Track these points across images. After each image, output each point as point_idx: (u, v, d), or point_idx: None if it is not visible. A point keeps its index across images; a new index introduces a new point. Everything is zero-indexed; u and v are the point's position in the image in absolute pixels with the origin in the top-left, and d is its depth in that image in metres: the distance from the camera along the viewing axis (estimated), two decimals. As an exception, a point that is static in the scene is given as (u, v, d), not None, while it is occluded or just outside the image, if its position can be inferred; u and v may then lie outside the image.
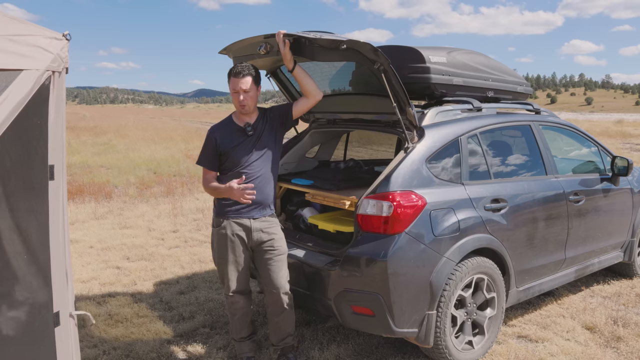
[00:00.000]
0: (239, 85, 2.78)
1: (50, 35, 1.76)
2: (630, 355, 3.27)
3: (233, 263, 2.91)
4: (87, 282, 4.60)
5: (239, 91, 2.79)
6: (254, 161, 2.85)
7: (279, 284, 2.91)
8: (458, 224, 2.97)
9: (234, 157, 2.84)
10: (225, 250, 2.90)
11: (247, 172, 2.83)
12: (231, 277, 2.93)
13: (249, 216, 2.87)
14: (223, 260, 2.93)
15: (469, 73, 3.56)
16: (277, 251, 2.92)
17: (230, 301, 3.01)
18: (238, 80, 2.77)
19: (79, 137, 20.14)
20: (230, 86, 2.82)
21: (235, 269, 2.92)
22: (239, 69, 2.78)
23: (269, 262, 2.90)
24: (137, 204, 8.12)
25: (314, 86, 2.90)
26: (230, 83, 2.82)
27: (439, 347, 2.95)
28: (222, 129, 2.91)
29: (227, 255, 2.90)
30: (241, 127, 2.88)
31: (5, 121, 1.57)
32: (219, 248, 2.94)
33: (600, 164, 4.30)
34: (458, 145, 3.18)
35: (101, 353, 3.25)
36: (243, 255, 2.91)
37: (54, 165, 1.77)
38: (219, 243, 2.93)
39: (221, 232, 2.90)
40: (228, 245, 2.88)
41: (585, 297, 4.24)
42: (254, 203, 2.85)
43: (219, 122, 2.98)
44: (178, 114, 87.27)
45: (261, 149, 2.88)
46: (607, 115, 62.68)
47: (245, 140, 2.86)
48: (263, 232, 2.89)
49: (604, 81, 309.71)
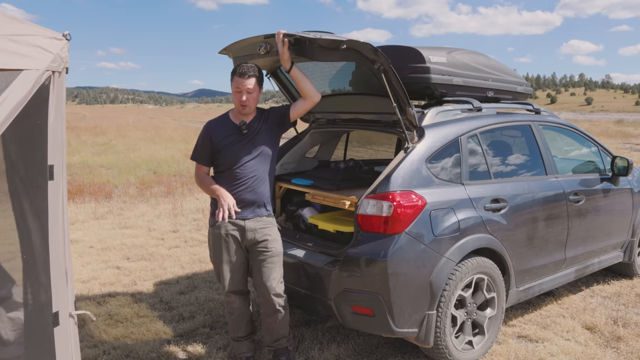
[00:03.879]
0: (243, 85, 2.77)
1: (50, 35, 1.76)
2: (630, 355, 3.27)
3: (227, 263, 2.91)
4: (87, 282, 4.60)
5: (242, 91, 2.78)
6: (248, 161, 2.84)
7: (270, 286, 2.88)
8: (458, 224, 2.97)
9: (228, 155, 2.83)
10: (220, 250, 2.90)
11: (240, 171, 2.83)
12: (226, 277, 2.93)
13: (242, 216, 2.85)
14: (218, 260, 2.93)
15: (469, 73, 3.56)
16: (271, 252, 2.89)
17: (226, 300, 3.01)
18: (243, 80, 2.77)
19: (79, 137, 20.14)
20: (233, 85, 2.81)
21: (230, 269, 2.92)
22: (245, 69, 2.77)
23: (262, 264, 2.88)
24: (137, 204, 8.12)
25: (311, 88, 2.89)
26: (233, 82, 2.81)
27: (439, 347, 2.95)
28: (217, 126, 2.90)
29: (221, 254, 2.90)
30: (237, 125, 2.87)
31: (5, 121, 1.57)
32: (214, 247, 2.94)
33: (600, 164, 4.30)
34: (458, 145, 3.18)
35: (101, 353, 3.25)
36: (237, 255, 2.90)
37: (54, 165, 1.76)
38: (214, 242, 2.93)
39: (216, 232, 2.89)
40: (222, 245, 2.88)
41: (585, 297, 4.24)
42: (247, 203, 2.84)
43: (214, 118, 2.98)
44: (178, 114, 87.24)
45: (256, 149, 2.86)
46: (607, 115, 62.70)
47: (239, 139, 2.85)
48: (257, 232, 2.87)
49: (604, 81, 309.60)
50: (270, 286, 2.88)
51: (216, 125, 2.91)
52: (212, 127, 2.90)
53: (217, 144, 2.84)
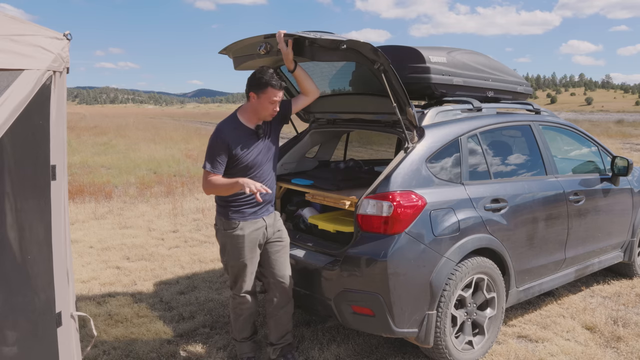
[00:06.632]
0: (279, 97, 2.78)
1: (51, 35, 1.76)
2: (630, 355, 3.27)
3: (250, 263, 2.92)
4: (87, 282, 4.60)
5: (276, 102, 2.79)
6: (264, 163, 2.88)
7: (287, 275, 3.01)
8: (458, 224, 2.97)
9: (246, 160, 2.80)
10: (242, 251, 2.88)
11: (258, 174, 2.84)
12: (247, 278, 2.95)
13: (262, 215, 2.93)
14: (239, 262, 2.90)
15: (469, 73, 3.56)
16: (284, 242, 3.04)
17: (239, 301, 3.02)
18: (277, 92, 2.76)
19: (79, 137, 20.14)
20: (265, 95, 2.75)
21: (252, 270, 2.96)
22: (278, 82, 2.76)
23: (277, 255, 2.99)
24: (137, 204, 8.12)
25: (313, 85, 3.01)
26: (267, 92, 2.74)
27: (439, 347, 2.95)
28: (233, 132, 2.80)
29: (243, 256, 2.88)
30: (253, 130, 2.85)
31: (7, 121, 1.57)
32: (234, 250, 2.89)
33: (600, 164, 4.30)
34: (458, 145, 3.18)
35: (101, 353, 3.25)
36: (256, 254, 2.95)
37: (56, 166, 1.77)
38: (233, 245, 2.88)
39: (237, 234, 2.86)
40: (245, 246, 2.87)
41: (585, 297, 4.24)
42: (266, 202, 2.91)
43: (224, 122, 2.86)
44: (178, 114, 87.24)
45: (269, 151, 2.92)
46: (607, 116, 62.68)
47: (257, 143, 2.85)
48: (274, 227, 3.00)
49: (604, 81, 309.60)
50: (287, 275, 3.02)
51: (231, 131, 2.80)
52: (228, 134, 2.78)
53: (235, 150, 2.78)
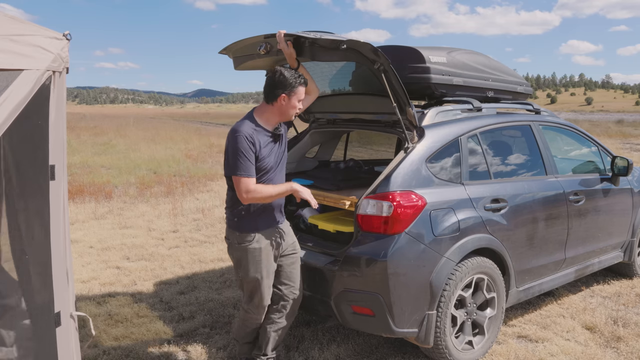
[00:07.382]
0: (305, 93, 2.76)
1: (50, 35, 1.76)
2: (630, 355, 3.27)
3: (267, 277, 2.79)
4: (87, 282, 4.60)
5: (302, 100, 2.75)
6: (281, 166, 2.81)
7: (300, 286, 2.94)
8: (458, 224, 2.97)
9: (267, 163, 2.70)
10: (259, 265, 2.75)
11: (275, 177, 2.76)
12: (264, 293, 2.81)
13: (276, 224, 2.82)
14: (259, 275, 2.76)
15: (469, 73, 3.56)
16: (298, 254, 2.96)
17: (252, 316, 2.89)
18: (304, 89, 2.73)
19: (79, 137, 20.14)
20: (296, 95, 2.68)
21: (269, 283, 2.82)
22: (304, 79, 2.71)
23: (293, 266, 2.91)
24: (137, 204, 8.12)
25: (314, 84, 3.00)
26: (298, 91, 2.68)
27: (439, 347, 2.95)
28: (255, 134, 2.65)
29: (260, 270, 2.75)
30: (272, 133, 2.73)
31: (6, 121, 1.57)
32: (254, 263, 2.74)
33: (600, 164, 4.30)
34: (458, 145, 3.18)
35: (101, 353, 3.25)
36: (273, 266, 2.82)
37: (55, 165, 1.77)
38: (253, 258, 2.74)
39: (254, 247, 2.72)
40: (262, 259, 2.74)
41: (585, 297, 4.24)
42: (280, 207, 2.83)
43: (245, 125, 2.65)
44: (178, 114, 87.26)
45: (284, 152, 2.84)
46: (607, 116, 62.69)
47: (275, 146, 2.76)
48: (289, 235, 2.92)
49: (604, 81, 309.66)
50: (301, 287, 2.95)
51: (254, 134, 2.64)
52: (253, 137, 2.62)
53: (259, 153, 2.65)
